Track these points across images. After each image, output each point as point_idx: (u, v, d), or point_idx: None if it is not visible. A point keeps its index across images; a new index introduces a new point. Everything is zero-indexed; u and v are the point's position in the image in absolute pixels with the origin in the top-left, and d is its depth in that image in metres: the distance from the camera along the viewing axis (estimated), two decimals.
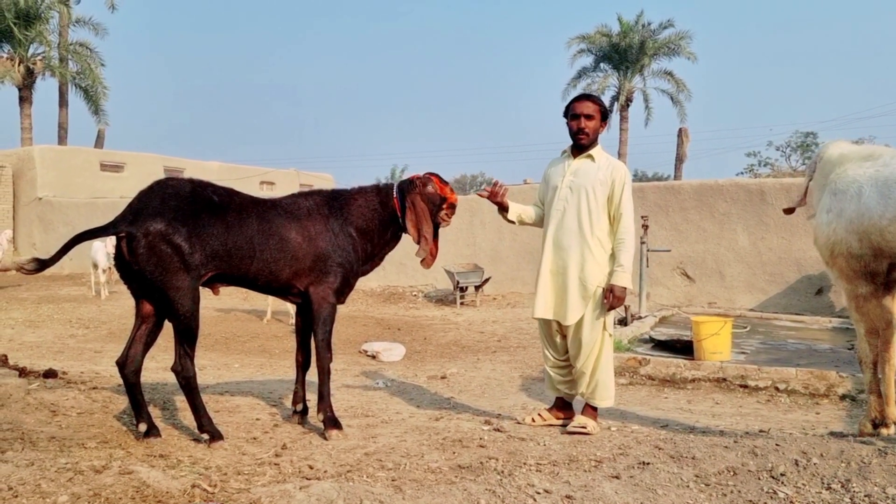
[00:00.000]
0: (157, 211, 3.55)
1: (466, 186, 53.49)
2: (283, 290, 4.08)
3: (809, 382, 5.64)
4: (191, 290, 3.63)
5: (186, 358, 3.74)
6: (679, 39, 29.34)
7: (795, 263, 10.54)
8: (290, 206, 4.05)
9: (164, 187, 3.72)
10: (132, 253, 3.51)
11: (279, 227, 3.91)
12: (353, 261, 4.13)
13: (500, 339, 8.88)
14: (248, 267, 3.83)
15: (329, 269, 4.02)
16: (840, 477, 2.93)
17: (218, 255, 3.70)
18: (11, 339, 8.47)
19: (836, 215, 3.69)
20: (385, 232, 4.26)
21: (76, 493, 2.67)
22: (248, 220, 3.82)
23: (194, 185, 3.80)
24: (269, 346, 8.43)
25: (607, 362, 4.11)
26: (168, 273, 3.54)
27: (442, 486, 2.93)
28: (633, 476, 3.06)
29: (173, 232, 3.52)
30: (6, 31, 23.73)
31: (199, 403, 3.79)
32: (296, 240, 3.94)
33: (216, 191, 3.85)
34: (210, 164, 25.10)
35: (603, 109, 4.12)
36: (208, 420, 3.79)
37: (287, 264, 3.92)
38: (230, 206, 3.81)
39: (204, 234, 3.63)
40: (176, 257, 3.53)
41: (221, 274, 3.80)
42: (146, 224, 3.50)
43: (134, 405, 3.81)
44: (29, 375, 4.83)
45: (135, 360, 3.79)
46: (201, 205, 3.69)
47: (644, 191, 11.65)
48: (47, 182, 19.86)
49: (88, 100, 25.63)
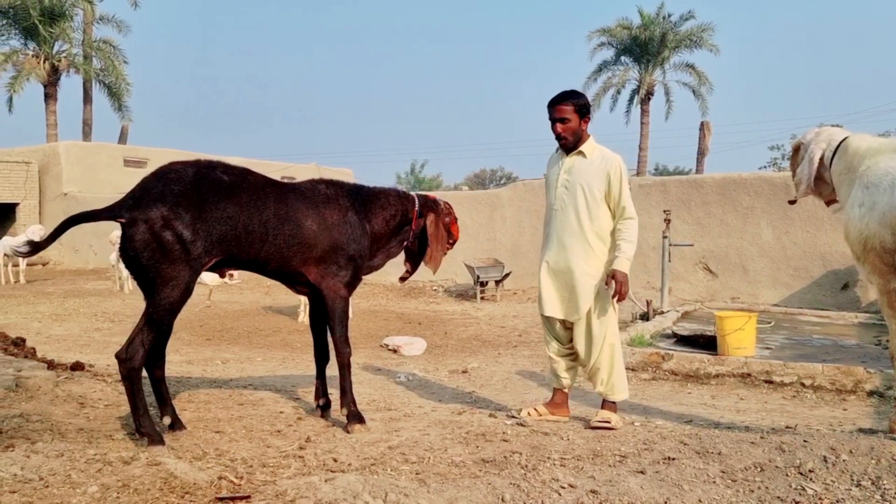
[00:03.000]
0: (159, 196, 3.37)
1: (486, 181, 53.42)
2: (293, 278, 3.95)
3: (836, 378, 5.57)
4: (184, 283, 3.44)
5: (140, 348, 3.42)
6: (701, 31, 29.05)
7: (820, 258, 10.40)
8: (310, 192, 3.94)
9: (167, 172, 3.53)
10: (130, 239, 3.35)
11: (296, 211, 3.78)
12: (365, 257, 4.08)
13: (520, 334, 8.86)
14: (259, 251, 3.68)
15: (342, 262, 3.93)
16: (870, 474, 2.89)
17: (226, 238, 3.54)
18: (39, 332, 8.60)
19: (869, 209, 3.61)
20: (392, 238, 4.26)
21: (105, 483, 2.71)
22: (263, 201, 3.67)
23: (200, 167, 3.59)
24: (291, 341, 8.48)
25: (619, 355, 4.14)
26: (165, 262, 3.35)
27: (466, 480, 2.94)
28: (659, 471, 3.04)
29: (175, 218, 3.35)
30: (31, 29, 24.04)
31: (140, 401, 3.43)
32: (311, 227, 3.81)
33: (227, 170, 3.68)
34: (232, 159, 25.18)
35: (579, 107, 4.04)
36: (147, 421, 3.45)
37: (299, 251, 3.80)
38: (243, 186, 3.65)
39: (210, 218, 3.46)
40: (176, 246, 3.35)
41: (230, 257, 3.64)
42: (147, 210, 3.33)
43: (158, 399, 3.80)
44: (57, 368, 4.90)
45: (155, 354, 3.70)
46: (208, 188, 3.51)
47: (666, 185, 11.55)
48: (72, 178, 20.13)
49: (112, 96, 25.93)
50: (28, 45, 24.86)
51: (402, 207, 4.22)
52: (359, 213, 4.03)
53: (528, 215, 12.82)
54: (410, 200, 4.27)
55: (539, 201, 12.74)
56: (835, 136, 4.00)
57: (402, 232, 4.25)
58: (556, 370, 4.30)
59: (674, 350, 6.56)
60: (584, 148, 4.09)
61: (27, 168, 19.91)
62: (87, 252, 18.44)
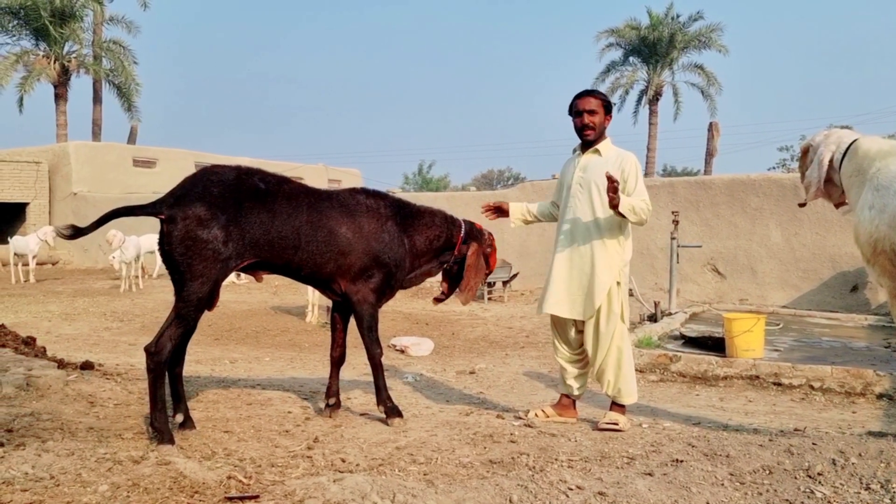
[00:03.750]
0: (199, 196, 3.51)
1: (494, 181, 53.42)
2: (326, 284, 4.05)
3: (845, 381, 5.54)
4: (212, 281, 3.54)
5: (168, 342, 3.53)
6: (710, 32, 28.97)
7: (830, 259, 10.35)
8: (347, 201, 4.02)
9: (209, 174, 3.66)
10: (167, 235, 3.48)
11: (330, 219, 3.86)
12: (400, 269, 4.14)
13: (528, 335, 8.86)
14: (292, 257, 3.78)
15: (373, 269, 4.01)
16: (879, 477, 2.87)
17: (259, 243, 3.64)
18: (49, 331, 8.65)
19: (879, 211, 3.59)
20: (434, 259, 4.34)
21: (115, 482, 2.72)
22: (297, 209, 3.77)
23: (240, 172, 3.72)
24: (299, 341, 8.50)
25: (629, 358, 4.12)
26: (197, 258, 3.46)
27: (474, 481, 2.94)
28: (667, 473, 3.03)
29: (211, 218, 3.47)
30: (42, 30, 24.20)
31: (161, 395, 3.51)
32: (345, 235, 3.90)
33: (265, 178, 3.78)
34: (240, 160, 25.33)
35: (606, 103, 4.11)
36: (163, 417, 3.50)
37: (332, 258, 3.88)
38: (278, 194, 3.74)
39: (244, 222, 3.58)
40: (209, 244, 3.47)
41: (263, 262, 3.75)
42: (186, 208, 3.46)
43: (174, 395, 3.84)
44: (67, 367, 4.92)
45: (177, 352, 3.78)
46: (245, 193, 3.63)
47: (674, 186, 11.52)
48: (82, 177, 20.25)
49: (121, 96, 26.10)
50: (39, 45, 25.04)
51: (448, 231, 4.32)
52: (399, 226, 4.11)
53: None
54: (457, 226, 4.36)
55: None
56: (844, 138, 3.98)
57: (444, 254, 4.35)
58: (564, 377, 4.29)
59: (682, 352, 6.54)
60: (601, 147, 4.10)
61: (37, 168, 20.04)
62: (97, 252, 18.55)
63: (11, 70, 24.29)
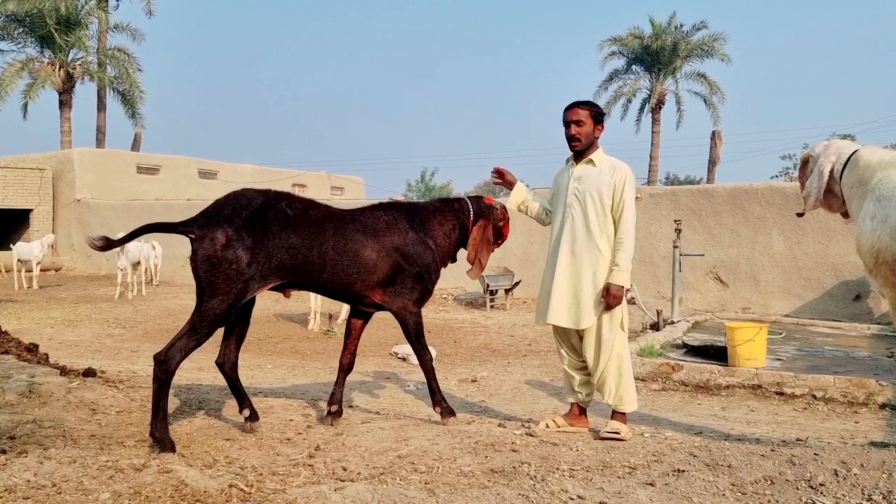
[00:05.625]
0: (227, 218, 3.65)
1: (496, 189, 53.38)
2: (357, 299, 4.21)
3: (848, 390, 5.53)
4: (231, 299, 3.62)
5: (178, 353, 3.56)
6: (713, 41, 28.99)
7: (832, 268, 10.34)
8: (369, 220, 4.14)
9: (239, 197, 3.82)
10: (195, 252, 3.63)
11: (354, 242, 4.00)
12: (433, 270, 4.28)
13: (530, 343, 8.86)
14: (318, 277, 3.93)
15: (408, 282, 4.16)
16: (881, 488, 2.87)
17: (285, 266, 3.77)
18: (51, 337, 8.67)
19: (881, 222, 3.59)
20: (456, 250, 4.48)
21: (117, 490, 2.73)
22: (322, 234, 3.90)
23: (268, 197, 3.85)
24: (302, 348, 8.51)
25: (629, 366, 4.13)
26: (219, 277, 3.58)
27: (475, 490, 2.94)
28: (668, 483, 3.03)
29: (237, 240, 3.60)
30: (47, 37, 24.33)
31: (163, 405, 3.54)
32: (370, 256, 4.04)
33: (291, 204, 3.91)
34: (243, 167, 25.45)
35: (594, 113, 4.13)
36: (163, 426, 3.51)
37: (359, 278, 4.04)
38: (304, 220, 3.88)
39: (271, 246, 3.70)
40: (233, 264, 3.59)
41: (290, 282, 3.90)
42: (214, 229, 3.61)
43: (235, 395, 4.11)
44: (69, 374, 4.93)
45: (231, 359, 4.15)
46: (273, 217, 3.76)
47: (677, 194, 11.53)
48: (86, 184, 20.31)
49: (126, 104, 26.18)
50: (44, 52, 25.17)
51: (458, 220, 4.43)
52: (419, 232, 4.24)
53: (538, 224, 12.81)
54: (465, 211, 4.46)
55: None
56: (844, 148, 4.00)
57: (462, 242, 4.48)
58: (571, 384, 4.29)
59: (684, 361, 6.53)
60: (594, 157, 4.12)
61: (41, 174, 20.11)
62: (100, 258, 18.58)
63: (17, 77, 24.40)
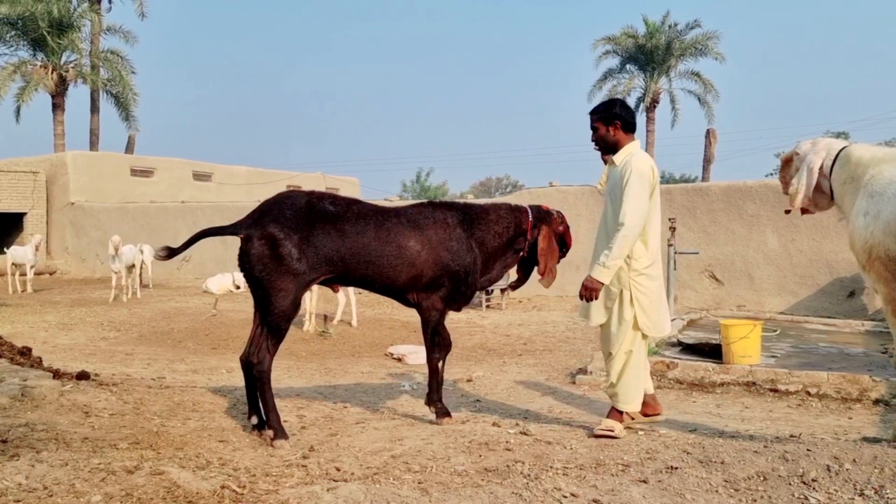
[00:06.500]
0: (275, 218, 3.86)
1: (492, 189, 53.48)
2: (401, 295, 4.29)
3: (842, 386, 5.54)
4: (292, 293, 3.86)
5: (266, 353, 3.95)
6: (706, 40, 29.04)
7: (826, 265, 10.37)
8: (415, 215, 4.26)
9: (284, 198, 4.04)
10: (245, 253, 3.80)
11: (398, 234, 4.12)
12: (472, 272, 4.32)
13: (525, 343, 8.86)
14: (365, 271, 4.06)
15: (444, 279, 4.23)
16: (873, 483, 2.88)
17: (332, 260, 3.95)
18: (45, 341, 8.64)
19: (874, 218, 3.61)
20: (507, 250, 4.51)
21: (109, 493, 2.72)
22: (366, 227, 4.04)
23: (311, 196, 4.07)
24: (297, 349, 8.50)
25: (635, 366, 4.08)
26: (274, 274, 3.80)
27: (468, 490, 2.94)
28: (661, 480, 3.03)
29: (285, 237, 3.80)
30: (40, 40, 24.24)
31: (270, 399, 3.94)
32: (414, 248, 4.14)
33: (334, 202, 4.10)
34: (238, 169, 25.38)
35: (603, 116, 4.17)
36: (276, 417, 3.91)
37: (404, 270, 4.13)
38: (347, 215, 4.04)
39: (316, 241, 3.89)
40: (284, 261, 3.80)
41: (339, 276, 4.05)
42: (263, 228, 3.81)
43: (249, 399, 4.14)
44: (62, 377, 4.92)
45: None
46: (316, 215, 3.95)
47: (671, 193, 11.55)
48: (79, 187, 20.24)
49: (119, 106, 26.10)
50: (36, 55, 25.06)
51: (515, 220, 4.48)
52: (466, 231, 4.32)
53: None
54: (524, 213, 4.52)
55: None
56: (833, 145, 4.02)
57: (517, 243, 4.51)
58: None
59: (679, 358, 6.54)
60: (617, 156, 4.18)
61: (34, 178, 20.04)
62: (94, 261, 18.53)
63: (9, 80, 24.31)
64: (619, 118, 4.16)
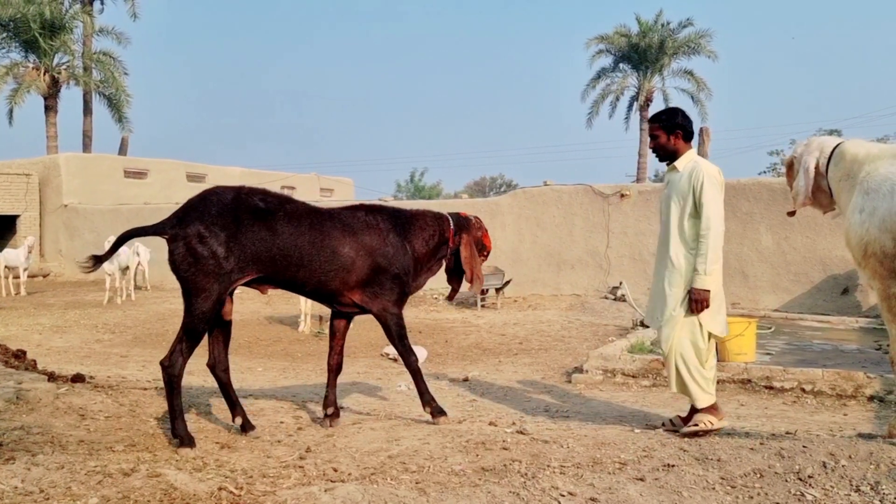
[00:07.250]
0: (200, 216, 3.71)
1: (486, 189, 53.50)
2: (332, 298, 4.18)
3: (836, 383, 5.56)
4: (215, 294, 3.72)
5: (179, 356, 3.78)
6: (699, 38, 29.09)
7: (820, 263, 10.41)
8: (349, 219, 4.15)
9: (210, 194, 3.86)
10: (171, 253, 3.68)
11: (332, 238, 4.00)
12: (410, 275, 4.29)
13: (521, 342, 8.87)
14: (295, 273, 3.94)
15: (387, 283, 4.17)
16: (869, 479, 2.89)
17: (260, 259, 3.81)
18: (39, 344, 8.61)
19: (869, 214, 3.62)
20: (432, 258, 4.47)
21: (105, 495, 2.71)
22: (299, 228, 3.92)
23: (239, 192, 3.89)
24: (293, 350, 8.49)
25: (689, 365, 4.05)
26: (199, 274, 3.66)
27: (465, 489, 2.94)
28: (658, 478, 3.04)
29: (210, 235, 3.66)
30: (32, 42, 24.13)
31: (178, 405, 3.75)
32: (348, 254, 4.04)
33: (266, 198, 3.93)
34: (232, 170, 25.34)
35: (665, 125, 4.25)
36: (181, 425, 3.73)
37: (337, 276, 4.04)
38: (279, 213, 3.89)
39: (244, 239, 3.74)
40: (210, 260, 3.66)
41: (266, 277, 3.91)
42: (187, 226, 3.67)
43: (227, 401, 4.09)
44: (57, 380, 4.90)
45: (221, 360, 4.14)
46: (245, 211, 3.79)
47: None
48: (72, 189, 20.17)
49: (112, 108, 26.01)
50: (28, 57, 24.95)
51: (439, 228, 4.46)
52: (399, 235, 4.26)
53: (528, 223, 12.82)
54: (445, 221, 4.50)
55: (539, 209, 12.77)
56: (826, 143, 4.04)
57: (441, 251, 4.49)
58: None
59: None
60: (678, 162, 4.24)
61: (27, 180, 19.96)
62: None
63: (2, 82, 24.21)
64: (681, 128, 4.25)
